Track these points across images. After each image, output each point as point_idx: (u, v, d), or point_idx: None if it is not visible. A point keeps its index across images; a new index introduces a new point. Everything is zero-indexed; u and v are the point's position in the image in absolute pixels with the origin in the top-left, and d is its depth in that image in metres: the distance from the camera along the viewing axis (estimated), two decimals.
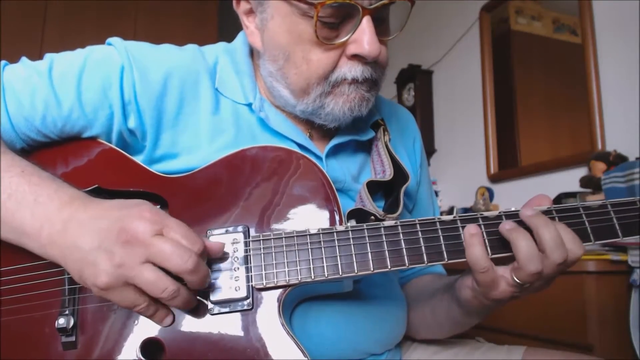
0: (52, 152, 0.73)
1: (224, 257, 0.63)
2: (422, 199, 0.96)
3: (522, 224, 0.62)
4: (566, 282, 1.43)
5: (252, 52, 0.83)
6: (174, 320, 0.60)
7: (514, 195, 2.36)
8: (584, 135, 1.98)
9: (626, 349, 1.36)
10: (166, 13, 3.27)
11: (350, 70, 0.70)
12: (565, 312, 1.43)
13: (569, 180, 1.99)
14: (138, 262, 0.53)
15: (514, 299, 0.66)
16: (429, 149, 2.95)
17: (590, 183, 1.74)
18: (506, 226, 0.61)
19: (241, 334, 0.60)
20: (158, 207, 0.68)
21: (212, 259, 0.62)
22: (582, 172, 1.94)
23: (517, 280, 0.61)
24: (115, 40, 0.75)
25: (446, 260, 0.62)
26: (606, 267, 1.41)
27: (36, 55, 0.71)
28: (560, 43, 2.27)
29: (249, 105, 0.77)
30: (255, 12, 0.75)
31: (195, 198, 0.68)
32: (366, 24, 0.68)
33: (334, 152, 0.81)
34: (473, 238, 0.61)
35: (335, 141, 0.80)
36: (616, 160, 1.70)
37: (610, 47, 1.94)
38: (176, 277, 0.56)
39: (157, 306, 0.58)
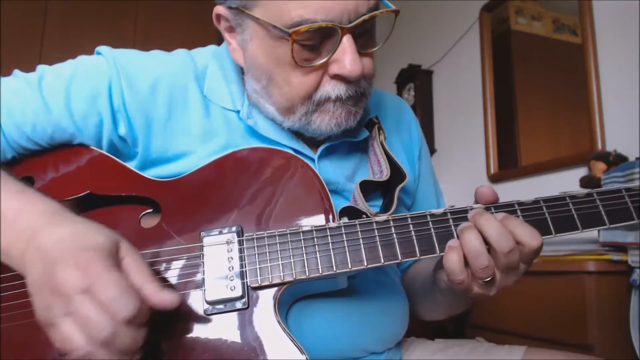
0: (43, 158, 0.73)
1: (219, 257, 0.63)
2: (422, 192, 0.94)
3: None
4: (566, 282, 1.43)
5: None
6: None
7: (514, 195, 2.32)
8: (584, 135, 1.98)
9: (626, 349, 1.35)
10: (166, 13, 3.27)
11: (333, 89, 0.69)
12: (565, 312, 1.43)
13: (569, 180, 1.99)
14: (60, 312, 0.49)
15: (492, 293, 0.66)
16: (429, 149, 2.94)
17: (590, 183, 1.73)
18: (460, 227, 0.62)
19: (238, 333, 0.60)
20: (150, 210, 0.68)
21: (209, 257, 0.62)
22: (582, 172, 1.93)
23: (483, 279, 0.61)
24: (103, 49, 0.76)
25: (438, 252, 0.63)
26: (606, 267, 1.41)
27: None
28: (560, 43, 2.26)
29: (237, 112, 0.77)
30: (235, 31, 0.75)
31: (187, 200, 0.68)
32: (347, 42, 0.66)
33: (327, 153, 0.80)
34: (452, 251, 0.61)
35: (327, 143, 0.80)
36: (616, 160, 1.70)
37: (610, 47, 1.93)
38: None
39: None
